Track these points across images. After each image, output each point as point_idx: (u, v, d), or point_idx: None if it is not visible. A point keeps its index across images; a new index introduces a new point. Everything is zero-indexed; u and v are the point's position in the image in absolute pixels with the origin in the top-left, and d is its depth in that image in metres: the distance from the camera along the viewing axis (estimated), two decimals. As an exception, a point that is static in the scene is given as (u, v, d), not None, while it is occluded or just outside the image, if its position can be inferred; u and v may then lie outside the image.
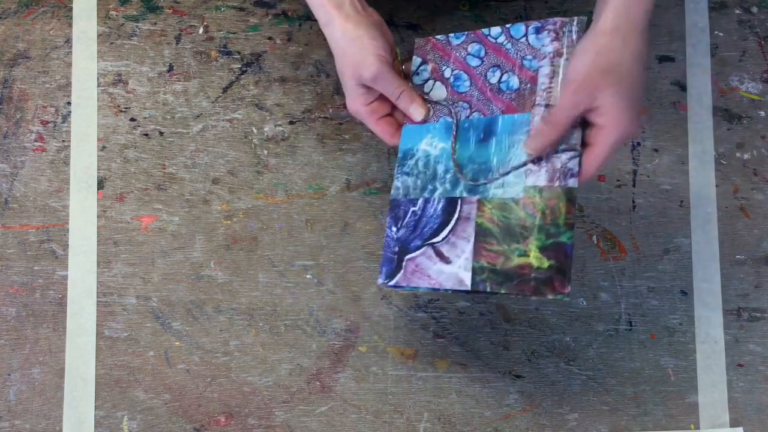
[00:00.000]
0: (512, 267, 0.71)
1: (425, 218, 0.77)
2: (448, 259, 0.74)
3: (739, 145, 0.96)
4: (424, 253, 0.76)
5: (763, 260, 0.94)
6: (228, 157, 0.94)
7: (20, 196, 0.92)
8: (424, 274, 0.75)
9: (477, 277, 0.72)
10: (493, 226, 0.73)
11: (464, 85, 0.79)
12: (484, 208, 0.74)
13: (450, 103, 0.79)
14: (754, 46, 0.98)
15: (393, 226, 0.78)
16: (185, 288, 0.91)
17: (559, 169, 0.71)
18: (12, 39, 0.96)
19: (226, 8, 0.97)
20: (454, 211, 0.75)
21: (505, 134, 0.75)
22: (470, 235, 0.74)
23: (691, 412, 0.90)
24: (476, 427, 0.89)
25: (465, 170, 0.76)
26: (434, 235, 0.76)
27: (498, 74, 0.77)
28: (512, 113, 0.75)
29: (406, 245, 0.77)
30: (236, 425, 0.89)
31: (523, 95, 0.75)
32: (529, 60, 0.76)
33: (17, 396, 0.89)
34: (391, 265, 0.77)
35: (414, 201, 0.78)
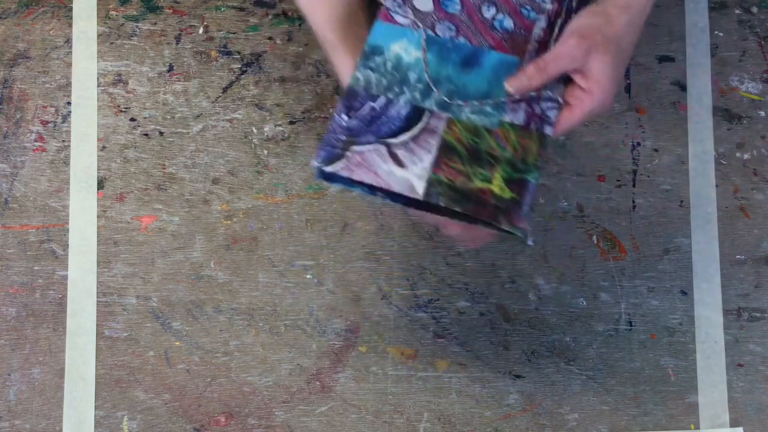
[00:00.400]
0: (472, 188, 0.70)
1: (384, 117, 0.73)
2: (402, 162, 0.71)
3: (739, 145, 0.96)
4: (376, 149, 0.71)
5: (763, 260, 0.94)
6: (228, 157, 0.94)
7: (20, 196, 0.92)
8: (370, 169, 0.71)
9: (432, 189, 0.70)
10: (460, 146, 0.72)
11: (454, 6, 0.76)
12: (454, 127, 0.73)
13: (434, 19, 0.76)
14: (754, 46, 0.98)
15: (344, 113, 0.72)
16: (185, 288, 0.91)
17: (537, 115, 0.72)
18: (12, 39, 0.96)
19: (226, 8, 0.97)
20: (419, 120, 0.73)
21: (489, 68, 0.74)
22: (433, 147, 0.72)
23: (691, 412, 0.90)
24: (476, 427, 0.89)
25: (439, 86, 0.74)
26: (391, 135, 0.72)
27: (493, 11, 0.76)
28: (502, 52, 0.75)
29: (356, 136, 0.72)
30: (236, 425, 0.89)
31: (516, 39, 0.75)
32: (527, 9, 0.76)
33: (17, 396, 0.89)
34: (333, 150, 0.71)
35: (374, 97, 0.73)
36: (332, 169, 0.70)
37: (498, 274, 0.92)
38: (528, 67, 0.71)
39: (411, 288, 0.92)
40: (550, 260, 0.93)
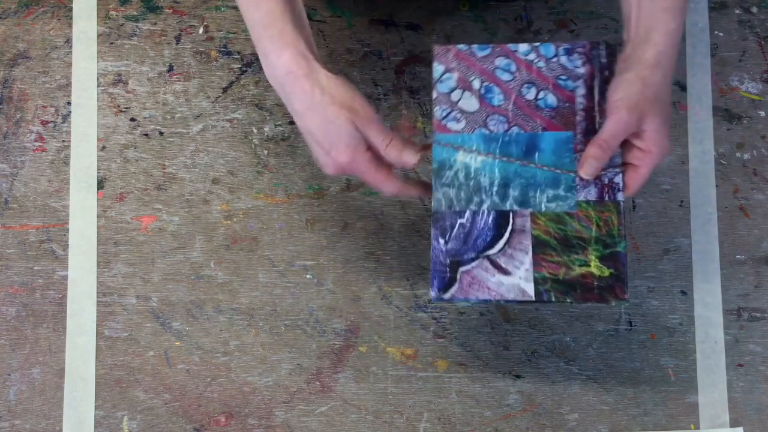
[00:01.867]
0: (574, 276, 0.75)
1: (476, 231, 0.76)
2: (507, 270, 0.76)
3: (739, 145, 0.96)
4: (480, 265, 0.76)
5: (763, 260, 0.94)
6: (228, 157, 0.94)
7: (20, 196, 0.92)
8: (483, 286, 0.75)
9: (540, 288, 0.75)
10: (550, 238, 0.76)
11: (497, 98, 0.79)
12: (539, 220, 0.76)
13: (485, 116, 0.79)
14: (754, 46, 0.98)
15: (440, 238, 0.76)
16: (185, 288, 0.91)
17: (607, 185, 0.76)
18: (12, 39, 0.96)
19: (226, 8, 0.97)
20: (507, 223, 0.76)
21: (549, 151, 0.77)
22: (528, 247, 0.76)
23: (691, 412, 0.90)
24: (476, 427, 0.89)
25: (512, 184, 0.77)
26: (489, 247, 0.76)
27: (534, 91, 0.79)
28: (554, 130, 0.78)
29: (459, 257, 0.76)
30: (236, 425, 0.89)
31: (563, 113, 0.78)
32: (563, 80, 0.78)
33: (17, 396, 0.89)
34: (444, 278, 0.75)
35: (460, 213, 0.77)
36: (448, 296, 0.75)
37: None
38: (592, 150, 0.74)
39: (411, 288, 0.92)
40: (550, 260, 0.93)
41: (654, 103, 0.73)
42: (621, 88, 0.74)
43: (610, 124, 0.74)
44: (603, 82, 0.78)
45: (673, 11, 0.74)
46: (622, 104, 0.73)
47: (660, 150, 0.74)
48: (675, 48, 0.74)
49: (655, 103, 0.73)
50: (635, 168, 0.75)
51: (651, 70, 0.73)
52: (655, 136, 0.73)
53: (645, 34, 0.74)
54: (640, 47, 0.74)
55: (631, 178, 0.76)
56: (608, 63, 0.78)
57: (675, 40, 0.74)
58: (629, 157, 0.76)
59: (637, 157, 0.75)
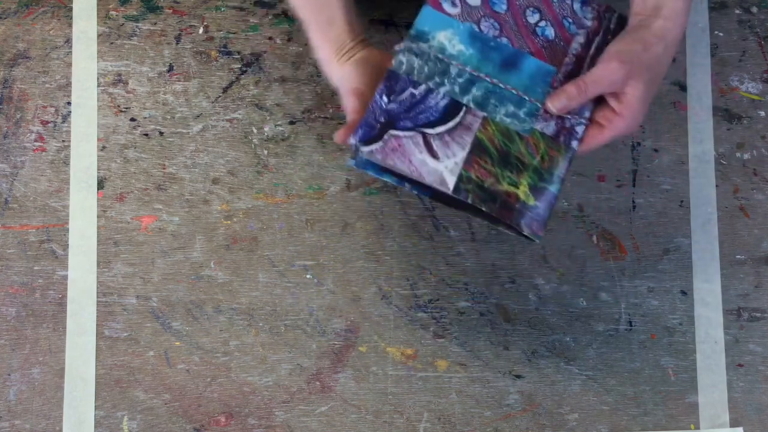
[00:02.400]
0: (500, 190, 0.73)
1: (423, 105, 0.74)
2: (437, 154, 0.73)
3: (739, 145, 0.96)
4: (412, 137, 0.73)
5: (763, 260, 0.94)
6: (228, 157, 0.94)
7: (20, 196, 0.92)
8: (405, 157, 0.72)
9: (462, 185, 0.72)
10: (492, 147, 0.74)
11: (501, 6, 0.77)
12: (488, 127, 0.74)
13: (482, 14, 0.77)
14: (754, 46, 0.98)
15: (385, 95, 0.73)
16: (185, 288, 0.91)
17: (566, 128, 0.74)
18: (12, 39, 0.96)
19: (226, 8, 0.97)
20: (456, 115, 0.74)
21: (527, 74, 0.76)
22: (467, 144, 0.73)
23: (691, 412, 0.90)
24: (476, 427, 0.89)
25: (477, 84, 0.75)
26: (429, 125, 0.73)
27: (537, 17, 0.78)
28: (541, 59, 0.76)
29: (394, 120, 0.73)
30: (236, 425, 0.89)
31: (555, 48, 0.77)
32: (569, 22, 0.78)
33: (17, 396, 0.89)
34: (371, 131, 0.72)
35: (416, 84, 0.74)
36: (368, 148, 0.71)
37: (498, 274, 0.92)
38: (569, 87, 0.73)
39: (411, 288, 0.92)
40: (550, 260, 0.93)
41: (646, 69, 0.72)
42: (621, 42, 0.73)
43: (597, 70, 0.73)
44: (603, 41, 0.77)
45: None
46: (616, 56, 0.72)
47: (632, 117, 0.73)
48: (681, 27, 0.74)
49: (647, 71, 0.72)
50: (600, 127, 0.74)
51: (655, 39, 0.73)
52: (633, 102, 0.72)
53: (653, 9, 0.74)
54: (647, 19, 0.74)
55: (592, 136, 0.75)
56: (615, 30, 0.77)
57: (682, 19, 0.74)
58: (599, 115, 0.75)
59: (607, 117, 0.74)
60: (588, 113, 0.75)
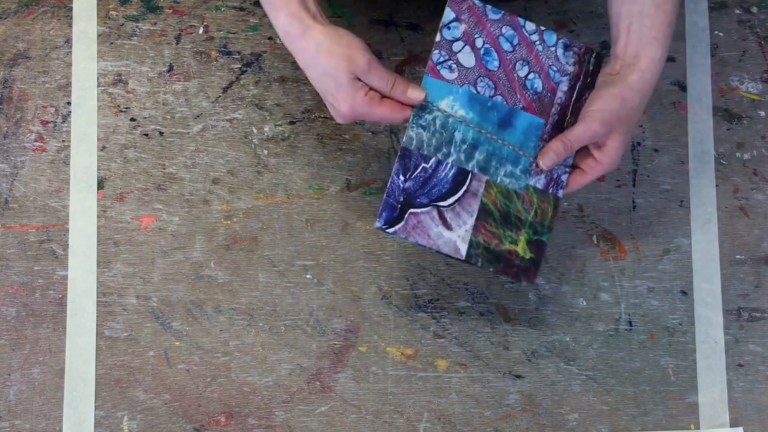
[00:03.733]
0: (503, 250, 0.82)
1: (435, 179, 0.80)
2: (450, 225, 0.81)
3: (739, 145, 0.96)
4: (429, 212, 0.80)
5: (763, 260, 0.94)
6: (228, 157, 0.94)
7: (20, 196, 0.92)
8: (424, 232, 0.80)
9: (472, 250, 0.81)
10: (495, 209, 0.81)
11: (493, 63, 0.81)
12: (491, 190, 0.81)
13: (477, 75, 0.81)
14: (754, 46, 0.98)
15: (401, 174, 0.79)
16: (185, 288, 0.91)
17: (554, 179, 0.82)
18: (12, 39, 0.96)
19: (226, 8, 0.97)
20: (464, 182, 0.81)
21: (520, 130, 0.81)
22: (474, 211, 0.81)
23: (691, 412, 0.90)
24: (476, 427, 0.90)
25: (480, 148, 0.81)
26: (441, 198, 0.80)
27: (526, 70, 0.82)
28: (531, 113, 0.81)
29: (412, 198, 0.80)
30: (236, 425, 0.89)
31: (543, 101, 0.82)
32: (554, 71, 0.82)
33: (17, 396, 0.89)
34: (393, 213, 0.79)
35: (426, 158, 0.80)
36: (392, 231, 0.79)
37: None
38: (555, 145, 0.79)
39: (411, 288, 0.92)
40: (550, 260, 0.93)
41: (624, 123, 0.78)
42: (601, 101, 0.78)
43: (579, 130, 0.78)
44: (584, 86, 0.82)
45: (662, 41, 0.78)
46: (597, 116, 0.77)
47: (611, 164, 0.79)
48: (657, 75, 0.79)
49: (625, 124, 0.78)
50: (582, 173, 0.81)
51: (632, 93, 0.78)
52: (612, 153, 0.79)
53: (632, 58, 0.79)
54: (626, 68, 0.79)
55: (575, 180, 0.81)
56: (593, 71, 0.82)
57: (659, 68, 0.79)
58: (581, 161, 0.81)
59: (589, 164, 0.80)
60: (570, 160, 0.82)
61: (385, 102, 0.76)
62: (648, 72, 0.78)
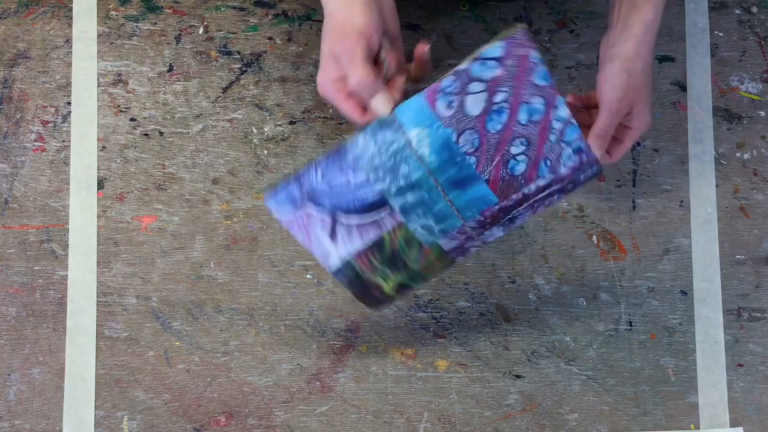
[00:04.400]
0: (371, 281, 0.78)
1: (350, 194, 0.73)
2: (336, 238, 0.75)
3: (739, 145, 0.96)
4: (322, 217, 0.74)
5: (763, 260, 0.94)
6: (228, 157, 0.94)
7: (20, 196, 0.92)
8: (305, 232, 0.75)
9: (343, 270, 0.77)
10: (389, 248, 0.76)
11: (495, 126, 0.71)
12: (398, 232, 0.75)
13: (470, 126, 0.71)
14: (754, 46, 0.98)
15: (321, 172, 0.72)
16: (185, 288, 0.91)
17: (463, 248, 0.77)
18: (12, 39, 0.96)
19: (226, 8, 0.97)
20: (376, 212, 0.74)
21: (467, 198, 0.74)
22: (369, 241, 0.76)
23: (691, 412, 0.90)
24: (476, 427, 0.89)
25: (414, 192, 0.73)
26: (345, 212, 0.74)
27: (520, 149, 0.72)
28: (492, 189, 0.74)
29: (314, 197, 0.73)
30: (236, 425, 0.89)
31: (511, 184, 0.74)
32: (546, 165, 0.73)
33: (17, 396, 0.89)
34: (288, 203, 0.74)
35: (357, 170, 0.72)
36: (278, 217, 0.75)
37: (498, 274, 0.92)
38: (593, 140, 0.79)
39: (411, 288, 0.92)
40: (550, 260, 0.93)
41: (639, 89, 0.80)
42: (608, 82, 0.79)
43: (604, 119, 0.79)
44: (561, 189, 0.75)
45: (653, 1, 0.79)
46: (613, 97, 0.79)
47: (644, 127, 0.82)
48: (653, 35, 0.80)
49: (640, 90, 0.80)
50: (619, 141, 0.83)
51: (632, 61, 0.79)
52: (641, 116, 0.81)
53: (624, 22, 0.79)
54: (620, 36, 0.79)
55: (616, 150, 0.83)
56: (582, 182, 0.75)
57: (653, 28, 0.80)
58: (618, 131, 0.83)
59: (622, 132, 0.82)
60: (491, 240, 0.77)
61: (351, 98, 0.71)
62: (642, 34, 0.79)
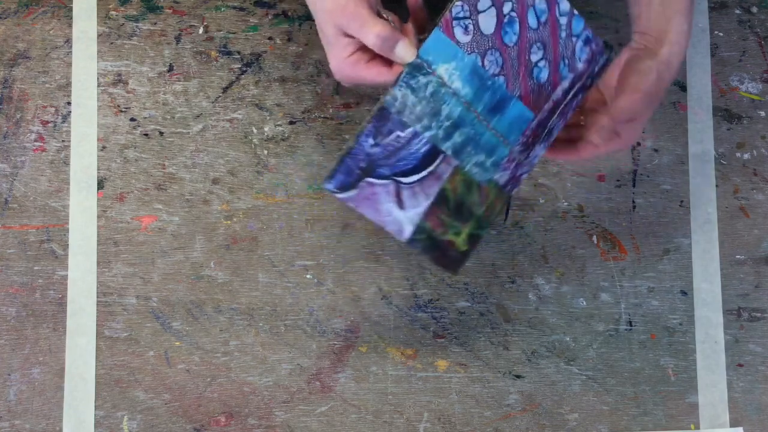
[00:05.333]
0: (443, 239, 0.77)
1: (404, 151, 0.72)
2: (404, 204, 0.74)
3: (739, 145, 0.96)
4: (386, 186, 0.73)
5: (763, 260, 0.94)
6: (228, 157, 0.94)
7: (20, 196, 0.92)
8: (375, 206, 0.73)
9: (416, 235, 0.75)
10: (453, 197, 0.75)
11: (512, 37, 0.72)
12: (456, 177, 0.75)
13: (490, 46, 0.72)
14: (754, 46, 0.98)
15: (371, 137, 0.70)
16: (185, 288, 0.91)
17: (516, 177, 0.78)
18: (12, 39, 0.96)
19: (226, 8, 0.97)
20: (432, 163, 0.73)
21: (508, 119, 0.75)
22: (432, 195, 0.74)
23: (691, 412, 0.90)
24: (476, 427, 0.89)
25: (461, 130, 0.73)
26: (404, 174, 0.73)
27: (539, 55, 0.74)
28: (525, 104, 0.75)
29: (374, 166, 0.72)
30: (236, 425, 0.89)
31: (541, 93, 0.75)
32: (564, 64, 0.75)
33: (17, 396, 0.89)
34: (349, 178, 0.71)
35: (404, 125, 0.71)
36: (343, 195, 0.72)
37: (498, 274, 0.92)
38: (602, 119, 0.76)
39: (411, 288, 0.92)
40: (550, 260, 0.93)
41: (656, 99, 0.76)
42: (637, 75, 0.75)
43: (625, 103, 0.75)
44: (582, 86, 0.77)
45: (685, 14, 0.76)
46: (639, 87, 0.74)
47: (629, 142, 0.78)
48: (685, 48, 0.77)
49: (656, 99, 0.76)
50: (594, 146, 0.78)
51: (665, 67, 0.75)
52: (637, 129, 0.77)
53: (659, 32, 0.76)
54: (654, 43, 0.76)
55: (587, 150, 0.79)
56: (598, 73, 0.78)
57: (687, 41, 0.76)
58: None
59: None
60: (536, 160, 0.78)
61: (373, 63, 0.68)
62: (677, 45, 0.76)
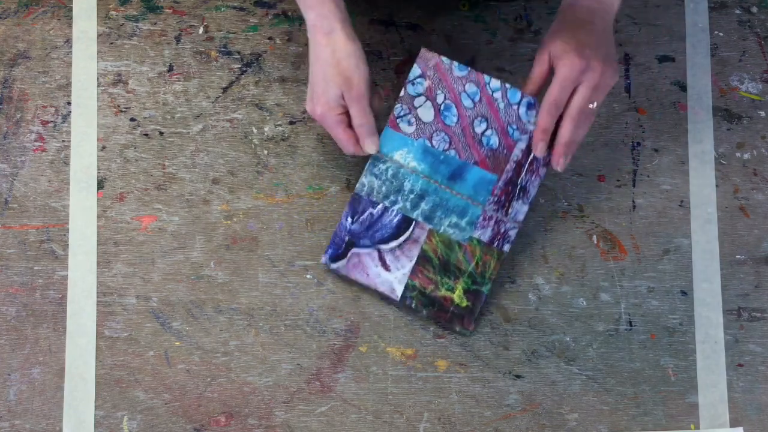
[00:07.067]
0: (438, 296, 0.87)
1: (380, 224, 0.86)
2: (389, 267, 0.87)
3: (739, 145, 0.96)
4: (370, 253, 0.87)
5: (763, 260, 0.94)
6: (228, 157, 0.94)
7: (20, 196, 0.92)
8: (364, 271, 0.87)
9: (407, 293, 0.87)
10: (435, 257, 0.86)
11: (452, 119, 0.85)
12: (433, 238, 0.86)
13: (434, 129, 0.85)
14: (754, 46, 0.98)
15: (349, 217, 0.87)
16: (185, 288, 0.91)
17: (501, 233, 0.86)
18: (12, 39, 0.96)
19: (226, 8, 0.97)
20: (407, 229, 0.86)
21: (470, 184, 0.86)
22: (414, 256, 0.86)
23: (691, 412, 0.90)
24: (476, 427, 0.89)
25: (427, 198, 0.86)
26: (383, 241, 0.87)
27: (484, 126, 0.85)
28: (484, 168, 0.85)
29: (356, 239, 0.87)
30: (236, 425, 0.89)
31: (498, 157, 0.85)
32: (513, 128, 0.85)
33: (17, 396, 0.89)
34: (338, 251, 0.87)
35: (374, 204, 0.86)
36: (335, 265, 0.87)
37: (498, 274, 0.92)
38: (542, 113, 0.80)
39: (411, 288, 0.92)
40: (550, 260, 0.93)
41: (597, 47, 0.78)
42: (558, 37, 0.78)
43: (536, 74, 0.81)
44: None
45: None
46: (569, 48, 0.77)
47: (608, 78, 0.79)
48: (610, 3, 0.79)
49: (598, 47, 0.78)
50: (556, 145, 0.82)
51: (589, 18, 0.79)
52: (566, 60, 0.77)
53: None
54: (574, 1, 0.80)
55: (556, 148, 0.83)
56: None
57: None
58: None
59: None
60: (521, 216, 0.86)
61: (348, 131, 0.82)
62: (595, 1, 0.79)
